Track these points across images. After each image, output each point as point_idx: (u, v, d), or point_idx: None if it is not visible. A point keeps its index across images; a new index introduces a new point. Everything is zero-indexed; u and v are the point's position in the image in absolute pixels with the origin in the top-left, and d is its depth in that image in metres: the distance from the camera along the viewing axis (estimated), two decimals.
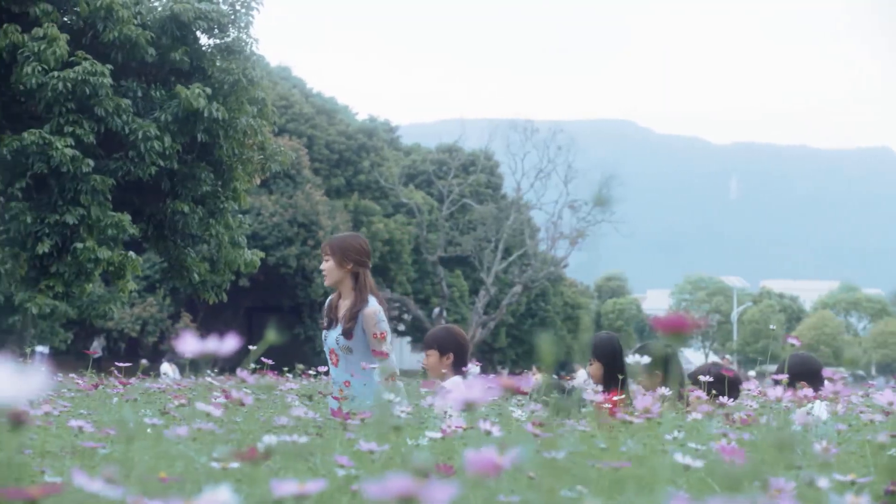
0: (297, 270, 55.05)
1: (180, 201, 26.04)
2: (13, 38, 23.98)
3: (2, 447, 3.24)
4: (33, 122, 24.25)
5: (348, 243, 7.92)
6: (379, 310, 7.79)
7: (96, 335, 54.08)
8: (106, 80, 24.03)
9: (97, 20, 24.95)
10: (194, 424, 3.37)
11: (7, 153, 23.54)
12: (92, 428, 3.58)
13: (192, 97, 24.55)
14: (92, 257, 23.88)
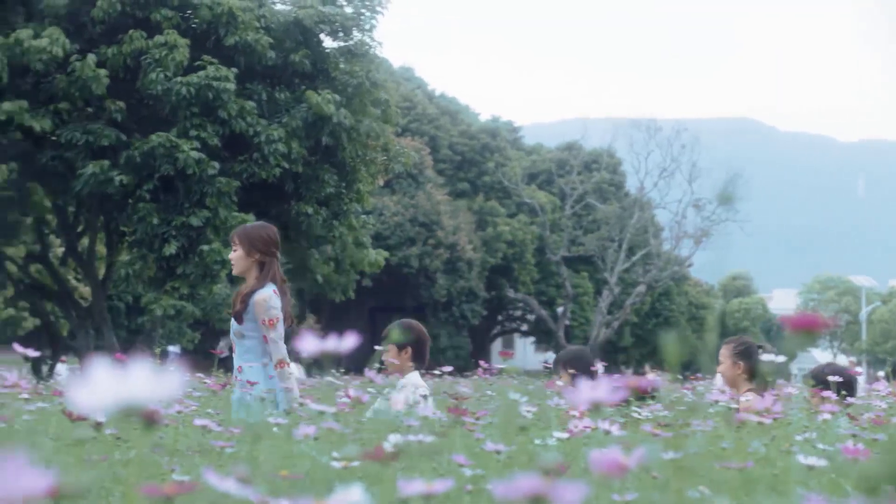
0: (419, 270, 55.21)
1: (305, 203, 26.25)
2: (137, 44, 24.35)
3: (135, 446, 3.28)
4: (160, 125, 24.60)
5: (256, 233, 7.95)
6: (270, 296, 7.72)
7: (223, 335, 54.73)
8: (230, 85, 24.30)
9: (219, 25, 25.23)
10: (320, 424, 3.38)
11: (136, 155, 23.91)
12: (219, 427, 3.61)
13: (323, 103, 24.73)
14: (218, 259, 24.15)
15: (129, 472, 3.01)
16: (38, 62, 23.54)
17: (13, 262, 29.49)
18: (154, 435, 3.29)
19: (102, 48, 24.60)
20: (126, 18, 24.90)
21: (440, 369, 7.51)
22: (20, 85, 24.21)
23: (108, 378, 1.33)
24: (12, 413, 4.26)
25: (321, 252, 27.40)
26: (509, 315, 67.56)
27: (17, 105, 23.46)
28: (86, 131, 24.06)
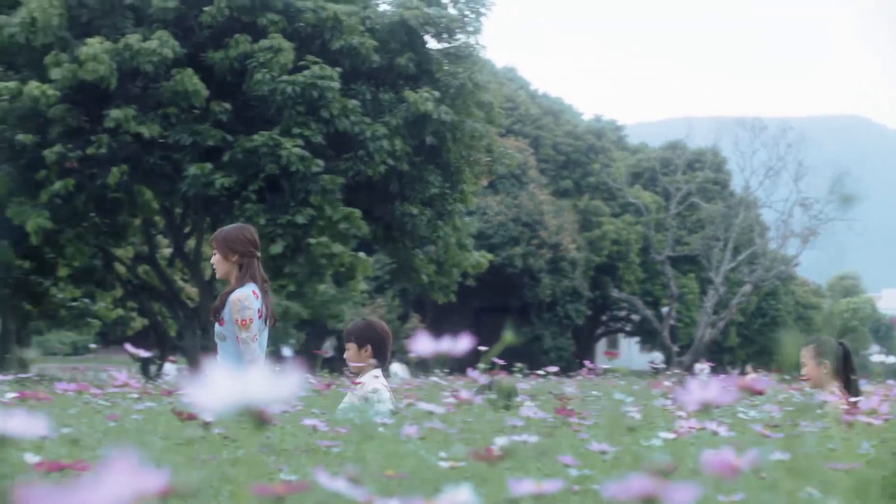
0: (523, 270, 55.15)
1: (409, 203, 26.34)
2: (243, 47, 24.59)
3: (243, 445, 3.31)
4: (266, 126, 24.82)
5: (233, 235, 7.98)
6: (247, 296, 7.70)
7: (327, 336, 55.06)
8: (334, 83, 24.44)
9: (324, 29, 25.40)
10: (425, 424, 3.39)
11: (240, 154, 24.14)
12: (325, 427, 3.63)
13: (420, 101, 24.80)
14: (326, 252, 24.30)
15: (237, 471, 3.03)
16: (148, 64, 23.86)
17: (122, 263, 29.90)
18: (262, 435, 3.32)
19: (209, 52, 24.87)
20: (232, 23, 25.16)
21: (545, 370, 7.48)
22: (129, 90, 24.56)
23: (227, 378, 1.33)
24: (122, 412, 4.31)
25: (425, 252, 27.47)
26: (613, 315, 67.26)
27: (124, 112, 23.80)
28: (192, 133, 24.34)
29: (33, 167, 24.56)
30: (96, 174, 24.68)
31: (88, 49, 23.69)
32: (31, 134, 24.31)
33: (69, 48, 24.47)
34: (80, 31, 24.90)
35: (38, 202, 24.26)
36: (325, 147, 24.91)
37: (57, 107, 23.97)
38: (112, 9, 25.18)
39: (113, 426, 3.86)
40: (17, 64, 25.63)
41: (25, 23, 24.33)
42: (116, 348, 38.86)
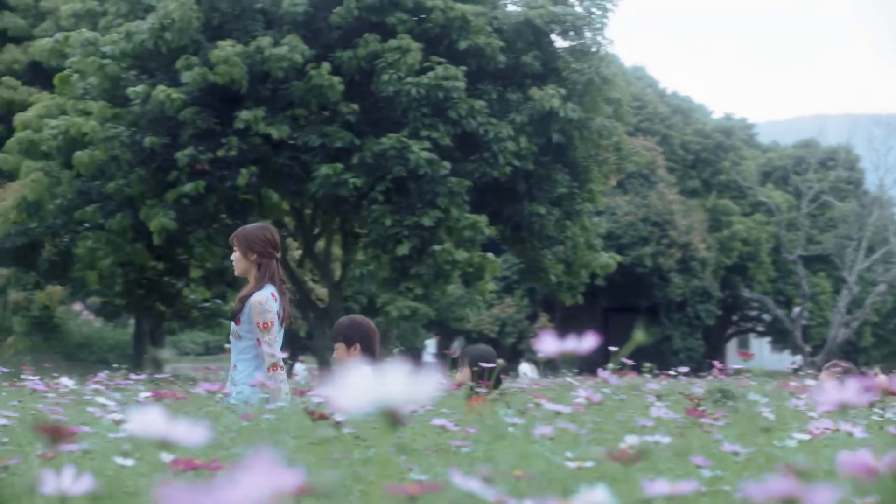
0: (652, 270, 54.80)
1: (537, 203, 26.30)
2: (372, 47, 24.74)
3: (374, 445, 3.32)
4: (393, 126, 24.94)
5: (253, 234, 7.97)
6: (266, 299, 7.73)
7: (456, 336, 55.17)
8: (459, 84, 24.49)
9: (452, 30, 25.46)
10: (557, 424, 3.38)
11: (368, 156, 24.29)
12: (455, 427, 3.63)
13: (546, 98, 24.75)
14: (449, 259, 24.34)
15: (368, 470, 3.05)
16: (279, 69, 24.13)
17: None
18: (393, 434, 3.34)
19: (338, 52, 25.06)
20: (361, 23, 25.34)
21: (675, 370, 7.41)
22: (260, 91, 24.83)
23: (366, 379, 1.34)
24: (256, 411, 4.36)
25: (553, 252, 27.40)
26: (744, 315, 66.47)
27: (253, 114, 24.07)
28: (321, 134, 24.55)
29: (165, 169, 24.96)
30: (226, 176, 24.99)
31: (220, 52, 24.00)
32: (162, 137, 24.69)
33: (201, 51, 24.82)
34: (212, 35, 25.25)
35: (166, 203, 24.65)
36: (452, 149, 24.96)
37: (188, 109, 24.32)
38: (243, 12, 25.50)
39: (246, 426, 3.90)
40: (150, 68, 26.07)
41: (155, 28, 24.71)
42: None
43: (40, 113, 26.71)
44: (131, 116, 25.14)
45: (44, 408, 4.91)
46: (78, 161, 24.72)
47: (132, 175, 25.09)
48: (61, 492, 2.19)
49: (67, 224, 26.67)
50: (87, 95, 26.43)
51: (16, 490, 2.73)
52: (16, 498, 2.67)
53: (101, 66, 25.20)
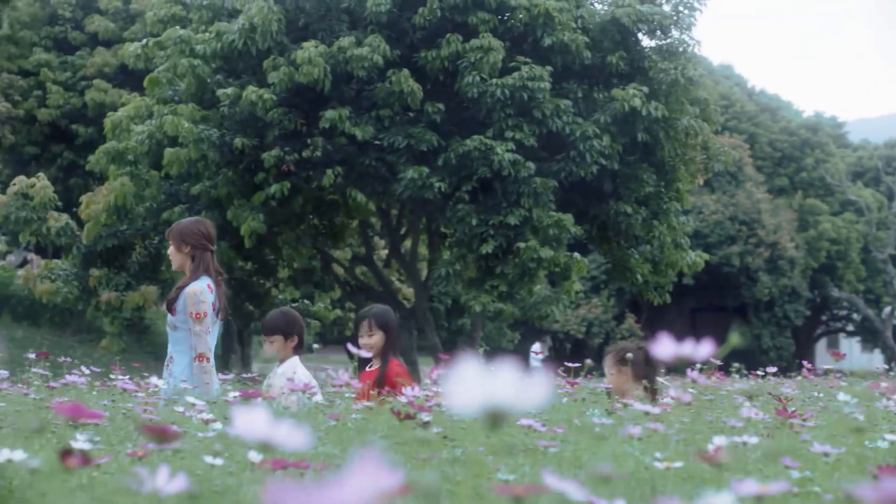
0: (740, 269, 54.42)
1: (623, 202, 26.18)
2: (455, 47, 24.75)
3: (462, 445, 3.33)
4: (478, 127, 24.93)
5: (187, 228, 8.16)
6: (201, 290, 7.87)
7: (542, 336, 55.08)
8: (544, 84, 24.43)
9: (536, 26, 25.41)
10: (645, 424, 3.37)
11: (453, 157, 24.32)
12: (542, 427, 3.63)
13: (628, 97, 24.64)
14: (534, 257, 24.30)
15: (456, 470, 3.06)
16: (361, 69, 24.23)
17: (340, 264, 30.38)
18: (481, 435, 3.34)
19: (422, 52, 25.11)
20: (444, 23, 25.36)
21: (764, 370, 7.34)
22: (344, 92, 24.95)
23: (477, 380, 1.35)
24: (343, 411, 4.39)
25: (640, 252, 27.27)
26: (833, 315, 65.80)
27: (338, 113, 24.18)
28: (407, 135, 24.61)
29: (252, 170, 25.15)
30: (311, 176, 25.13)
31: (304, 53, 24.15)
32: (250, 138, 24.89)
33: (286, 52, 24.99)
34: (297, 36, 25.40)
35: (254, 204, 24.82)
36: (536, 149, 24.91)
37: (274, 110, 24.48)
38: (327, 12, 25.62)
39: (333, 425, 3.93)
40: (237, 70, 26.27)
41: (244, 29, 24.91)
42: (334, 348, 39.56)
43: (129, 114, 27.01)
44: (219, 118, 25.35)
45: (135, 407, 4.97)
46: (168, 159, 24.99)
47: (219, 176, 25.31)
48: (155, 490, 2.22)
49: (156, 226, 26.96)
50: (176, 97, 26.69)
51: (108, 489, 2.77)
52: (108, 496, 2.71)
53: (193, 66, 25.44)
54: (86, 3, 41.58)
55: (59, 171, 40.70)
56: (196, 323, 7.89)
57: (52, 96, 40.39)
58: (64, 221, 28.03)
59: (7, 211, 27.89)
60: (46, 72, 40.84)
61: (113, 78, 39.71)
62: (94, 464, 2.85)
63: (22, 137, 41.51)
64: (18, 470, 2.76)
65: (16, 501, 2.67)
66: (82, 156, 36.58)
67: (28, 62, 41.23)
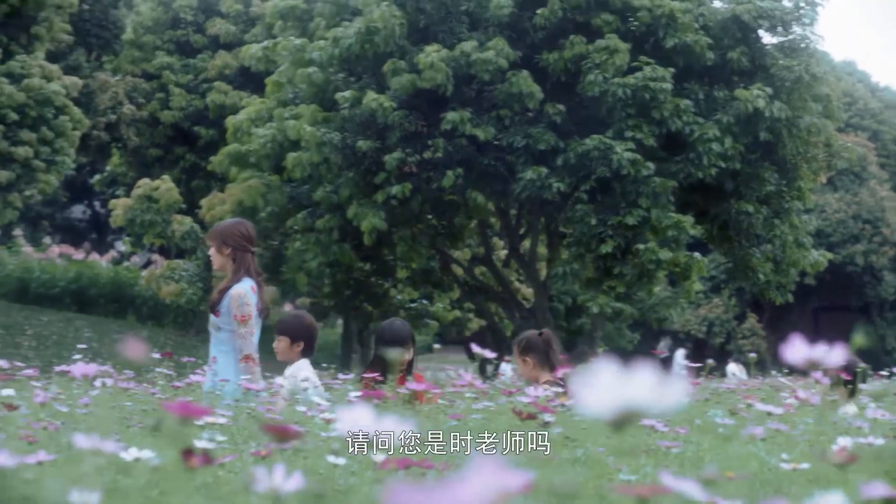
0: (864, 268, 53.61)
1: (744, 201, 25.93)
2: (579, 48, 24.68)
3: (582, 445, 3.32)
4: (598, 127, 24.83)
5: (227, 230, 8.20)
6: (245, 292, 7.91)
7: (663, 336, 54.75)
8: (666, 85, 24.27)
9: (658, 27, 25.26)
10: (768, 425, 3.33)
11: (572, 157, 24.25)
12: (664, 427, 3.61)
13: (751, 98, 24.39)
14: (653, 258, 24.16)
15: (577, 471, 3.05)
16: (484, 72, 24.26)
17: (459, 264, 30.44)
18: (603, 435, 3.33)
19: (543, 54, 25.08)
20: (566, 24, 25.29)
21: (889, 370, 7.24)
22: (465, 93, 24.99)
23: (613, 380, 1.34)
24: (464, 411, 4.39)
25: (762, 251, 26.98)
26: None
27: (460, 115, 24.22)
28: (526, 135, 24.59)
29: (373, 172, 25.28)
30: (432, 177, 25.20)
31: (426, 57, 24.22)
32: (370, 140, 25.02)
33: (407, 55, 25.08)
34: (418, 38, 25.48)
35: (374, 204, 24.93)
36: (656, 149, 24.76)
37: (395, 113, 24.59)
38: (448, 14, 25.67)
39: (455, 425, 3.94)
40: (357, 72, 26.43)
41: (361, 33, 25.05)
42: (454, 348, 39.62)
43: (250, 116, 27.31)
44: (339, 120, 25.53)
45: (258, 407, 5.03)
46: (290, 162, 25.21)
47: (341, 179, 25.47)
48: (273, 489, 2.25)
49: (277, 229, 27.24)
50: (297, 100, 26.93)
51: (231, 487, 2.81)
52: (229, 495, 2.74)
53: (308, 75, 25.66)
54: (207, 7, 42.11)
55: (182, 172, 41.24)
56: (241, 325, 7.99)
57: (175, 99, 40.96)
58: (188, 225, 28.44)
59: (132, 214, 28.36)
60: (169, 74, 41.44)
61: (233, 80, 40.15)
62: (218, 463, 2.89)
63: (145, 139, 42.17)
64: (144, 469, 2.81)
65: (141, 499, 2.72)
66: (204, 158, 37.08)
67: (151, 65, 41.87)
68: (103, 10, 45.92)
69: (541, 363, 8.10)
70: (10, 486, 2.51)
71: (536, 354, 8.13)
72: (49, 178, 37.77)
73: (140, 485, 2.76)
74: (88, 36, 45.97)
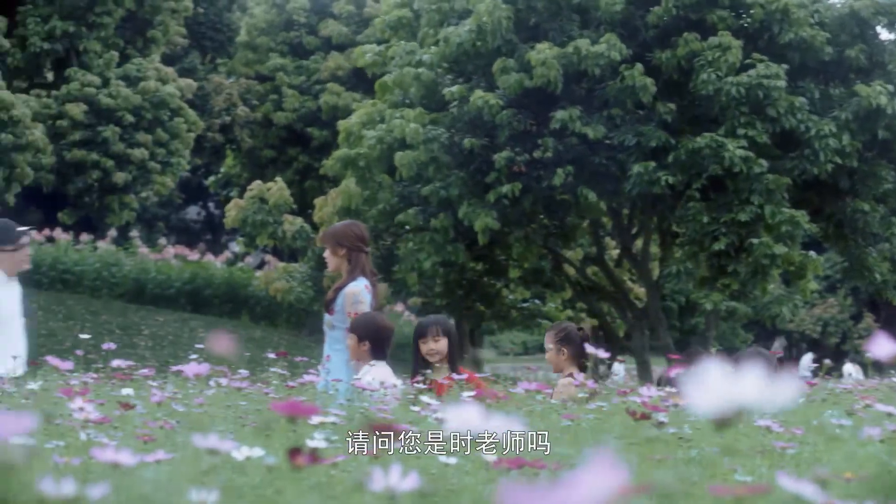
0: None
1: (861, 200, 25.59)
2: (692, 45, 24.49)
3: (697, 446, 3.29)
4: (709, 125, 24.63)
5: (341, 231, 8.37)
6: (360, 291, 8.05)
7: (777, 336, 54.18)
8: (780, 82, 24.00)
9: (773, 22, 24.99)
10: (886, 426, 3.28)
11: (683, 154, 24.07)
12: (780, 428, 3.57)
13: (873, 94, 24.04)
14: (768, 253, 23.91)
15: (691, 471, 3.02)
16: (596, 67, 24.15)
17: (571, 264, 30.36)
18: (716, 435, 3.29)
19: (656, 52, 24.93)
20: (679, 21, 25.12)
21: None
22: (574, 91, 24.91)
23: (722, 380, 1.33)
24: (577, 412, 4.38)
25: (878, 250, 26.61)
26: None
27: (569, 113, 24.14)
28: (637, 133, 24.46)
29: (483, 171, 25.28)
30: (542, 176, 25.14)
31: (538, 55, 24.16)
32: (479, 138, 25.03)
33: (516, 52, 25.06)
34: (527, 35, 25.45)
35: (486, 204, 24.92)
36: (770, 146, 24.51)
37: (504, 112, 24.57)
38: (559, 11, 25.59)
39: (568, 425, 3.92)
40: (466, 72, 26.48)
41: (471, 32, 25.08)
42: None
43: (361, 119, 27.45)
44: (448, 119, 25.57)
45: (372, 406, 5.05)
46: (399, 162, 25.30)
47: (450, 178, 25.50)
48: (388, 489, 2.25)
49: (389, 228, 27.35)
50: (407, 101, 27.03)
51: (345, 486, 2.82)
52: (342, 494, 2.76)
53: (418, 75, 25.75)
54: (320, 9, 42.52)
55: (295, 174, 41.69)
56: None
57: (288, 100, 41.41)
58: (298, 225, 28.67)
59: (245, 214, 28.66)
60: (282, 76, 41.91)
61: (346, 81, 40.49)
62: (330, 462, 2.90)
63: (259, 141, 42.69)
64: (258, 467, 2.83)
65: (255, 498, 2.74)
66: (317, 159, 37.42)
67: (264, 67, 42.38)
68: (217, 14, 46.64)
69: (573, 357, 8.29)
70: (130, 484, 2.55)
71: (572, 348, 8.30)
72: (164, 180, 38.41)
73: (254, 484, 2.79)
74: (203, 39, 46.76)
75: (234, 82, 43.46)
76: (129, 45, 39.43)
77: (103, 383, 5.85)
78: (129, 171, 36.91)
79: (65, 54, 37.33)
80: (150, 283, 37.71)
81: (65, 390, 4.32)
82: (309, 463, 2.52)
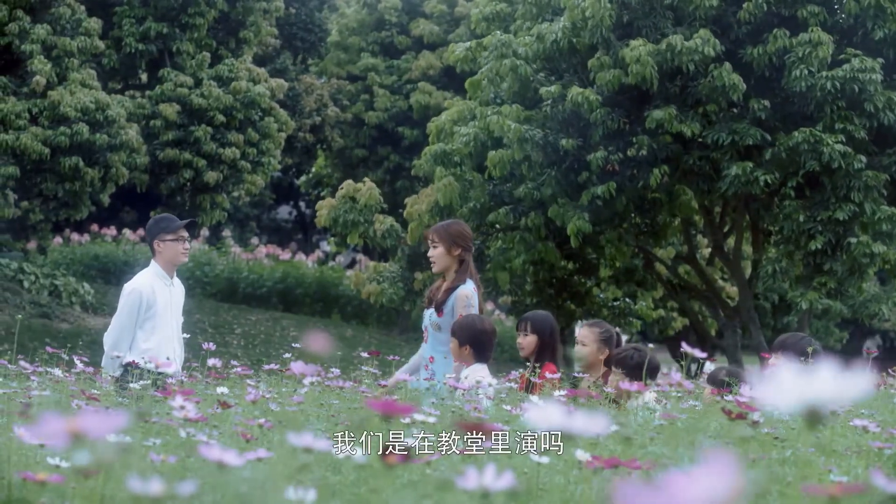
0: None
1: None
2: (781, 42, 24.26)
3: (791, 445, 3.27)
4: (803, 122, 24.38)
5: (457, 231, 8.28)
6: (472, 294, 8.00)
7: (871, 335, 53.53)
8: (875, 76, 23.71)
9: (866, 18, 24.70)
10: None
11: (781, 151, 23.84)
12: (877, 428, 3.53)
13: None
14: (867, 252, 23.63)
15: (786, 471, 3.00)
16: (690, 63, 23.99)
17: (663, 263, 30.18)
18: (812, 435, 3.27)
19: (748, 48, 24.72)
20: (770, 17, 24.88)
21: None
22: (668, 89, 24.76)
23: (796, 378, 1.32)
24: (672, 410, 4.36)
25: None
26: None
27: (666, 112, 23.98)
28: (731, 131, 24.26)
29: (575, 170, 25.19)
30: (636, 175, 25.01)
31: (632, 52, 24.04)
32: (573, 137, 24.94)
33: (611, 49, 24.95)
34: (622, 33, 25.32)
35: (578, 204, 24.83)
36: (867, 142, 24.21)
37: (598, 111, 24.47)
38: (653, 9, 25.44)
39: (663, 424, 3.91)
40: (559, 70, 26.39)
41: (567, 27, 25.00)
42: (656, 347, 39.33)
43: (452, 118, 27.43)
44: (542, 118, 25.48)
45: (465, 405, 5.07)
46: (492, 161, 25.26)
47: (543, 177, 25.43)
48: (482, 487, 2.26)
49: (480, 227, 27.31)
50: (498, 99, 26.99)
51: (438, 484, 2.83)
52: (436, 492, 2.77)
53: (515, 66, 25.68)
54: (411, 8, 42.64)
55: (386, 173, 41.83)
56: None
57: (379, 100, 41.57)
58: (388, 224, 28.74)
59: (335, 214, 28.79)
60: (373, 76, 42.08)
61: (437, 80, 40.57)
62: (424, 461, 2.91)
63: (350, 140, 42.87)
64: (352, 466, 2.85)
65: (350, 497, 2.76)
66: (408, 158, 37.49)
67: (356, 67, 42.58)
68: (309, 14, 46.91)
69: (606, 359, 8.23)
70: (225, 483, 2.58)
71: (610, 350, 8.23)
72: (255, 179, 38.68)
73: (349, 481, 2.81)
74: (294, 39, 47.06)
75: (325, 83, 43.67)
76: (222, 46, 39.78)
77: (198, 381, 5.92)
78: (220, 171, 37.22)
79: (158, 55, 37.78)
80: (243, 283, 38.07)
81: (162, 391, 4.37)
82: (402, 461, 2.53)
